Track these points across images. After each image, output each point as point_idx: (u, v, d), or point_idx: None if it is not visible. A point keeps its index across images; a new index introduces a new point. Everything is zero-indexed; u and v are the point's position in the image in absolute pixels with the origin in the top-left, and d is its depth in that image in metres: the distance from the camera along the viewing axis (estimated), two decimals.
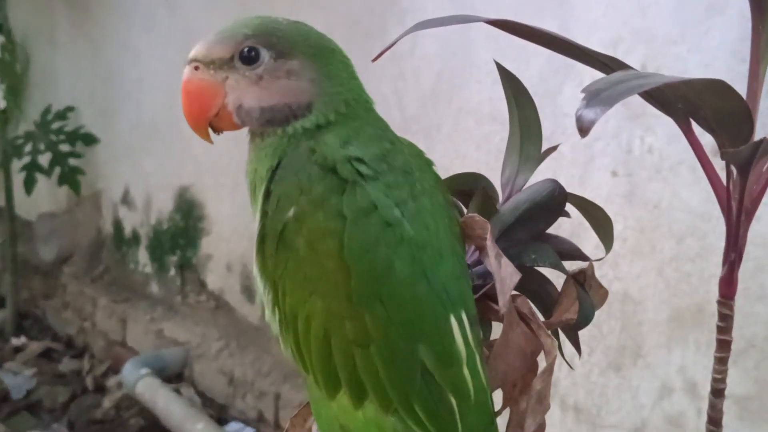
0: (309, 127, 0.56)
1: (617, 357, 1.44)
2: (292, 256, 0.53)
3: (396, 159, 0.56)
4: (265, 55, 0.56)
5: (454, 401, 0.52)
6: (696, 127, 0.54)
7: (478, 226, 0.59)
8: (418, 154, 0.62)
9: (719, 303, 0.58)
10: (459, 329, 0.53)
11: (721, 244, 1.28)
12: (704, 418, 1.36)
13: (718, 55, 1.26)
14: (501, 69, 0.67)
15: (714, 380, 0.58)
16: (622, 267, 1.42)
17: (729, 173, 0.53)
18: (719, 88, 0.44)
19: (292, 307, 0.54)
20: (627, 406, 1.43)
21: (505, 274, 0.56)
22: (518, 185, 0.67)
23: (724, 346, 0.57)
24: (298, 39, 0.57)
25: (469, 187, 0.66)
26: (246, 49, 0.56)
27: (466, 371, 0.53)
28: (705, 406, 1.33)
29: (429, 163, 0.62)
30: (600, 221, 0.68)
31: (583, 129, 0.39)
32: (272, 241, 0.54)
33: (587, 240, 0.82)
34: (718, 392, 0.58)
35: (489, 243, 0.57)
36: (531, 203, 0.64)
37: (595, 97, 0.40)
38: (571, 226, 0.81)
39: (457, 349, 0.53)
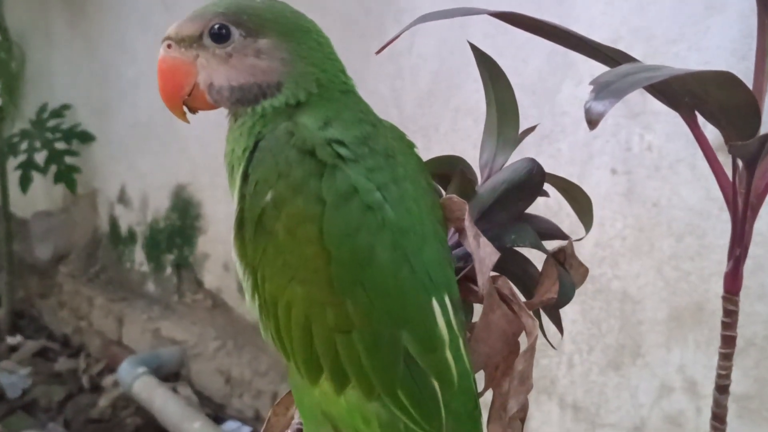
0: (279, 107, 0.56)
1: (616, 356, 1.44)
2: (271, 242, 0.52)
3: (377, 142, 0.55)
4: (235, 33, 0.56)
5: (437, 386, 0.52)
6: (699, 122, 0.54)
7: (457, 207, 0.58)
8: (401, 137, 0.61)
9: (724, 299, 0.57)
10: (442, 314, 0.52)
11: (721, 242, 1.29)
12: (704, 416, 1.36)
13: (718, 54, 1.26)
14: (476, 50, 0.66)
15: (719, 376, 0.57)
16: (621, 266, 1.42)
17: (735, 168, 0.53)
18: (727, 80, 0.43)
19: (272, 293, 0.53)
20: (626, 405, 1.43)
21: (484, 254, 0.55)
22: (496, 167, 0.66)
23: (729, 341, 0.57)
24: (269, 17, 0.56)
25: (448, 170, 0.66)
26: (216, 26, 0.55)
27: (449, 356, 0.52)
28: (704, 404, 1.33)
29: (411, 146, 0.61)
30: (579, 201, 0.68)
31: (592, 121, 0.38)
32: (250, 226, 0.53)
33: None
34: (722, 388, 0.57)
35: (467, 223, 0.56)
36: (509, 183, 0.63)
37: (604, 90, 0.39)
38: (571, 224, 0.80)
39: (439, 333, 0.52)
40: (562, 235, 0.66)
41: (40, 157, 3.15)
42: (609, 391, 1.46)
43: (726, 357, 0.58)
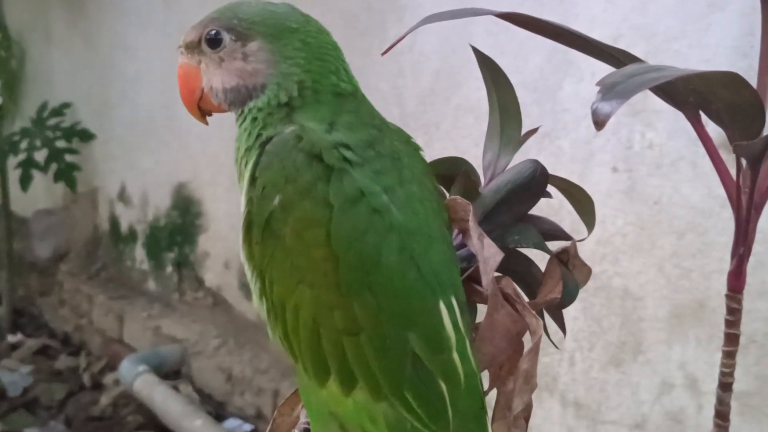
0: (263, 107, 0.57)
1: (617, 353, 1.45)
2: (279, 245, 0.52)
3: (383, 145, 0.56)
4: (226, 37, 0.58)
5: (444, 387, 0.52)
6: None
7: (461, 208, 0.59)
8: (407, 140, 0.61)
9: (727, 297, 0.58)
10: (449, 315, 0.53)
11: (722, 239, 1.29)
12: (705, 413, 1.37)
13: (719, 51, 1.26)
14: (477, 53, 0.66)
15: (722, 374, 0.58)
16: (623, 263, 1.42)
17: (739, 167, 0.53)
18: (733, 80, 0.44)
19: (280, 296, 0.53)
20: (627, 402, 1.43)
21: (488, 255, 0.56)
22: (500, 168, 0.67)
23: (732, 339, 0.57)
24: (257, 20, 0.58)
25: (451, 172, 0.66)
26: (212, 32, 0.58)
27: (455, 357, 0.53)
28: (705, 401, 1.33)
29: (417, 149, 0.61)
30: (581, 202, 0.68)
31: (599, 122, 0.39)
32: (258, 229, 0.53)
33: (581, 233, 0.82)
34: (725, 386, 0.58)
35: (471, 224, 0.57)
36: (513, 185, 0.64)
37: (611, 90, 0.39)
38: (572, 223, 0.81)
39: (446, 335, 0.52)
40: (565, 236, 0.66)
41: (40, 156, 3.15)
42: (610, 388, 1.46)
43: (729, 355, 0.58)
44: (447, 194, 0.65)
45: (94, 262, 3.33)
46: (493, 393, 0.60)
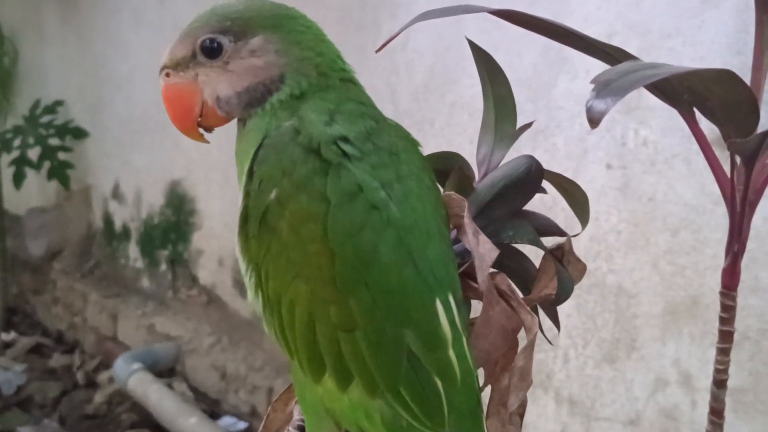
0: (284, 99, 0.56)
1: (611, 350, 1.45)
2: (275, 239, 0.52)
3: (381, 138, 0.55)
4: (224, 41, 0.56)
5: (440, 384, 0.52)
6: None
7: (455, 204, 0.58)
8: (405, 135, 0.60)
9: (722, 294, 0.58)
10: (445, 312, 0.52)
11: (716, 236, 1.29)
12: (699, 410, 1.37)
13: (713, 48, 1.26)
14: (473, 47, 0.66)
15: (716, 371, 0.58)
16: (617, 260, 1.42)
17: (733, 164, 0.53)
18: (727, 78, 0.44)
19: (276, 290, 0.53)
20: (621, 398, 1.44)
21: (484, 251, 0.55)
22: (494, 163, 0.66)
23: (726, 336, 0.57)
24: (252, 15, 0.57)
25: (445, 166, 0.65)
26: (207, 41, 0.56)
27: (452, 354, 0.52)
28: (700, 398, 1.34)
29: (415, 144, 0.60)
30: (576, 198, 0.68)
31: (594, 120, 0.39)
32: (255, 222, 0.53)
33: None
34: (720, 383, 0.58)
35: (466, 220, 0.56)
36: (507, 180, 0.63)
37: (605, 88, 0.39)
38: (566, 219, 0.81)
39: (442, 332, 0.52)
40: (560, 232, 0.66)
41: (33, 154, 3.14)
42: (604, 385, 1.46)
43: (723, 352, 0.58)
44: (441, 189, 0.65)
45: (87, 260, 3.32)
46: (487, 390, 0.60)
